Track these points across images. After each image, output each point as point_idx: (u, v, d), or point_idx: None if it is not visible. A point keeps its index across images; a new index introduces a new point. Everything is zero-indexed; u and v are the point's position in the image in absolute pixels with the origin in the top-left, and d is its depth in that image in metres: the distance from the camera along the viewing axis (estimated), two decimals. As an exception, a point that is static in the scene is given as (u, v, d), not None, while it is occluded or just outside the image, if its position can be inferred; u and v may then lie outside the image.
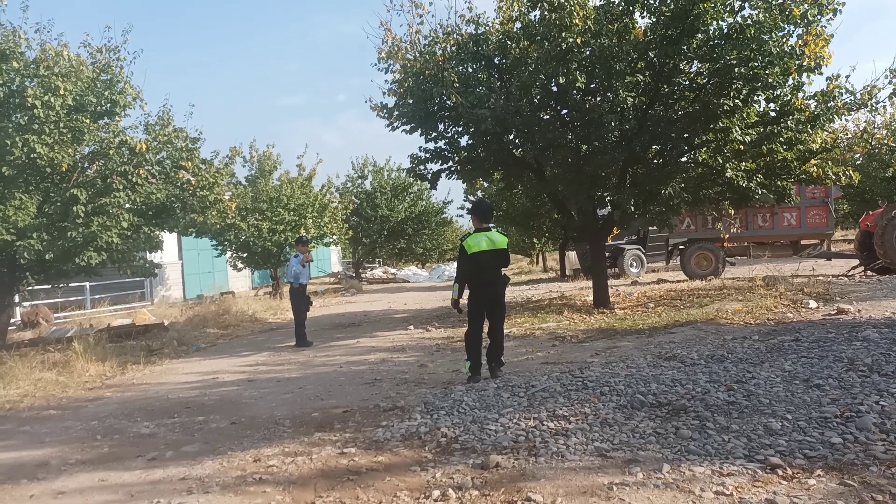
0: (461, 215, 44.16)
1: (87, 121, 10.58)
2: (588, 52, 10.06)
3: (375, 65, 12.12)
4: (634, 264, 20.14)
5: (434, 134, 12.28)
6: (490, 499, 3.48)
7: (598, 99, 10.34)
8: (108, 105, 10.86)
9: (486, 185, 21.84)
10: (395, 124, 12.15)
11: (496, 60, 11.60)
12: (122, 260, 11.52)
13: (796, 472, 3.42)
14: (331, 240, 25.63)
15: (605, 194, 11.96)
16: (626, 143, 10.70)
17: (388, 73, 12.12)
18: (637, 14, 10.13)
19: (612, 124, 10.00)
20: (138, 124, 12.14)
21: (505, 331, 9.90)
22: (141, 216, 11.36)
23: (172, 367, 9.27)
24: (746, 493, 3.22)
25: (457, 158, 12.53)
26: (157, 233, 12.25)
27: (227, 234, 19.80)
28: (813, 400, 4.58)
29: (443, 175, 12.80)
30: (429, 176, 12.74)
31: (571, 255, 23.18)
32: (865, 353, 5.81)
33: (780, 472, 3.43)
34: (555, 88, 10.74)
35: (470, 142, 12.08)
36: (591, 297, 12.65)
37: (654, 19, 10.04)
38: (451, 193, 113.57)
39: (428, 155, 12.37)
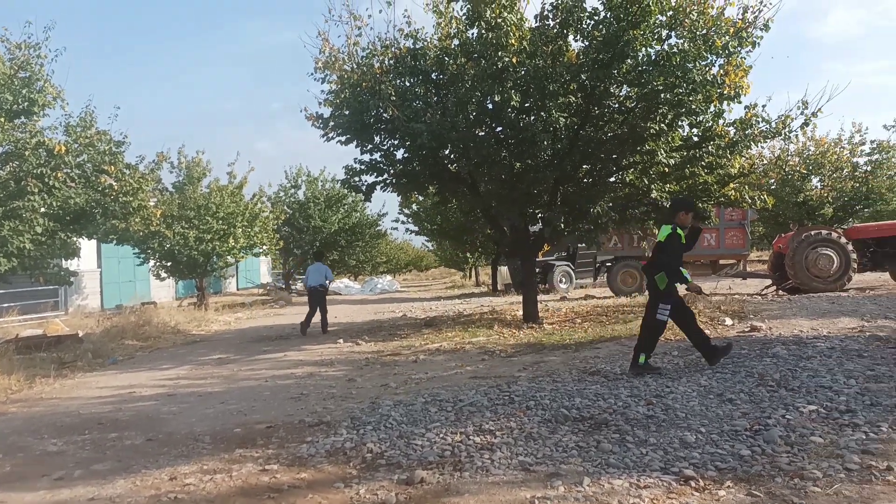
0: (395, 228, 44.20)
1: (2, 119, 10.01)
2: (523, 72, 10.28)
3: (312, 74, 12.02)
4: (564, 280, 20.60)
5: (370, 146, 12.23)
6: (413, 515, 3.46)
7: (532, 118, 10.56)
8: (26, 104, 10.34)
9: (421, 198, 21.94)
10: (330, 135, 12.04)
11: (433, 75, 11.69)
12: (34, 267, 10.92)
13: (708, 484, 3.56)
14: (261, 250, 25.07)
15: (537, 211, 12.20)
16: (558, 162, 10.96)
17: (324, 83, 12.03)
18: (571, 37, 10.43)
19: (545, 143, 10.23)
20: (58, 125, 11.60)
21: (435, 345, 10.03)
22: (57, 221, 10.81)
23: (86, 381, 8.81)
24: (661, 504, 3.33)
25: (392, 171, 12.51)
26: (75, 239, 11.68)
27: (151, 242, 19.07)
28: (725, 414, 4.79)
29: (378, 187, 12.74)
30: (363, 188, 12.66)
31: (503, 270, 23.51)
32: (774, 369, 6.12)
33: (692, 484, 3.56)
34: (490, 106, 10.91)
35: (406, 155, 12.10)
36: (521, 312, 12.83)
37: (587, 43, 10.36)
38: (387, 206, 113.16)
39: (363, 167, 12.30)
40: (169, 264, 20.41)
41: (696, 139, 11.24)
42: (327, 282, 13.83)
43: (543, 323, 11.87)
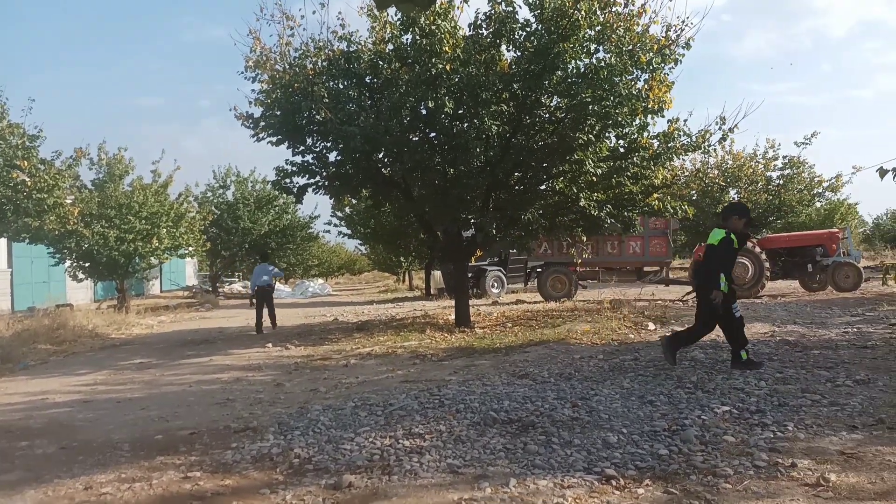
0: (328, 231, 43.67)
1: None
2: (456, 80, 10.38)
3: (242, 73, 11.76)
4: (496, 285, 20.87)
5: (301, 148, 12.07)
6: (341, 519, 3.44)
7: (465, 125, 10.67)
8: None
9: (354, 201, 21.79)
10: (260, 135, 11.81)
11: (367, 79, 11.65)
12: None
13: (628, 483, 3.69)
14: (187, 252, 24.26)
15: (470, 217, 12.34)
16: (490, 168, 11.13)
17: (255, 82, 11.79)
18: (504, 47, 10.63)
19: (478, 150, 10.37)
20: (-35, 117, 10.90)
21: (367, 349, 9.98)
22: (-37, 218, 10.15)
23: (-7, 388, 8.30)
24: (584, 503, 3.43)
25: (325, 174, 12.38)
26: (-18, 237, 10.98)
27: (68, 242, 18.14)
28: (646, 415, 4.98)
29: (310, 189, 12.58)
30: (295, 190, 12.48)
31: (437, 275, 23.63)
32: (692, 372, 6.42)
33: (614, 483, 3.69)
34: (424, 112, 10.97)
35: (338, 158, 12.00)
36: (453, 316, 12.92)
37: (519, 53, 10.58)
38: (319, 208, 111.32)
39: (295, 168, 12.12)
40: (87, 265, 19.47)
41: (622, 150, 11.62)
42: (274, 279, 14.49)
43: (475, 327, 12.00)
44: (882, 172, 8.17)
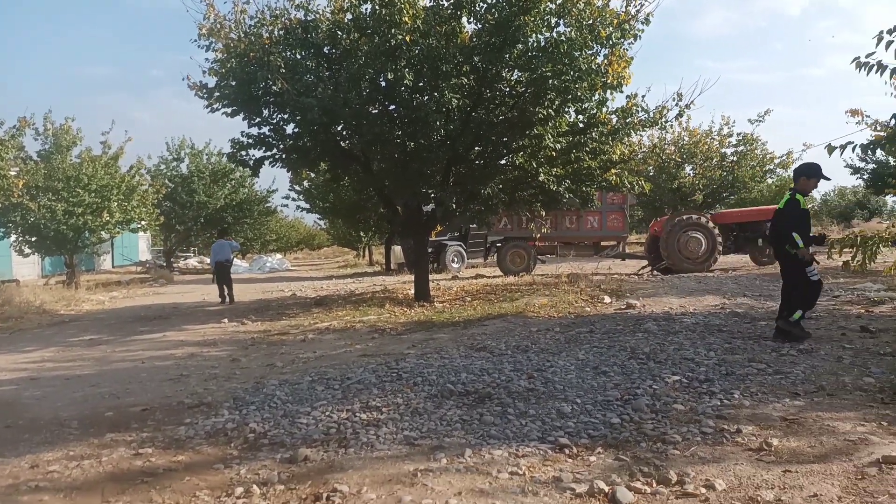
0: (286, 205, 42.96)
1: None
2: (417, 51, 10.24)
3: (195, 41, 11.36)
4: (456, 260, 20.93)
5: (258, 119, 11.78)
6: (296, 493, 3.43)
7: (426, 98, 10.58)
8: None
9: (312, 175, 21.47)
10: (215, 106, 11.48)
11: (326, 49, 11.40)
12: None
13: (581, 451, 3.77)
14: (139, 226, 23.62)
15: (430, 191, 12.28)
16: (451, 142, 11.06)
17: (209, 51, 11.40)
18: (464, 19, 10.51)
19: (438, 124, 10.29)
20: None
21: (325, 324, 9.93)
22: None
23: (-67, 366, 7.99)
24: (537, 471, 3.49)
25: (282, 146, 12.13)
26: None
27: (12, 215, 17.48)
28: (600, 385, 5.08)
29: (266, 163, 12.33)
30: (251, 163, 12.21)
31: (397, 250, 23.54)
32: (645, 343, 6.56)
33: (567, 452, 3.76)
34: (383, 84, 10.80)
35: (296, 130, 11.76)
36: (412, 291, 12.92)
37: (480, 26, 10.47)
38: (276, 182, 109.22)
39: (251, 140, 11.84)
40: (34, 239, 18.79)
41: (581, 125, 11.68)
42: (233, 254, 14.85)
43: (434, 301, 12.03)
44: (830, 149, 8.38)
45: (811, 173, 6.73)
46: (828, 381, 4.82)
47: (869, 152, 8.91)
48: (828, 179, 6.79)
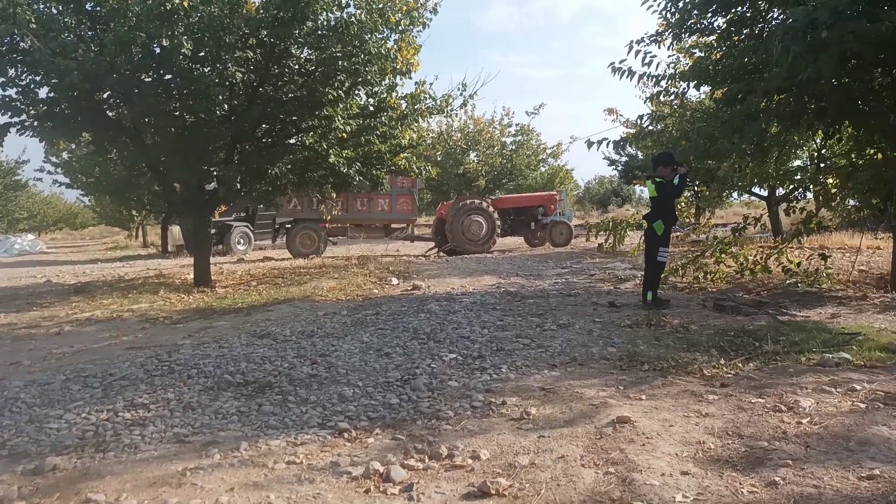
0: (40, 179, 37.66)
1: None
2: (197, 18, 9.51)
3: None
4: (242, 242, 20.03)
5: (2, 79, 10.11)
6: (40, 508, 3.05)
7: (207, 69, 9.88)
8: None
9: (73, 146, 19.08)
10: (-56, 60, 9.62)
11: (88, 6, 10.10)
12: None
13: (359, 434, 3.83)
14: None
15: (212, 169, 11.56)
16: (235, 118, 10.52)
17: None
18: (250, -12, 9.99)
19: (220, 98, 9.72)
20: None
21: (86, 315, 8.91)
22: None
23: None
24: (315, 458, 3.49)
25: (33, 112, 10.54)
26: None
27: None
28: (382, 367, 5.21)
29: (13, 130, 10.63)
30: (-8, 129, 10.45)
31: (175, 231, 21.86)
32: (427, 324, 6.85)
33: (346, 436, 3.80)
34: (158, 50, 9.87)
35: (51, 95, 10.28)
36: (192, 276, 12.11)
37: (267, -2, 10.03)
38: (28, 152, 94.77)
39: (-8, 103, 10.13)
40: None
41: (371, 109, 11.78)
42: None
43: (216, 287, 11.39)
44: (589, 144, 9.41)
45: (666, 161, 7.68)
46: (580, 353, 5.44)
47: (621, 147, 10.18)
48: (680, 164, 7.73)
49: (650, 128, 10.66)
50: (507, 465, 3.29)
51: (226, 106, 10.28)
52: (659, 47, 8.82)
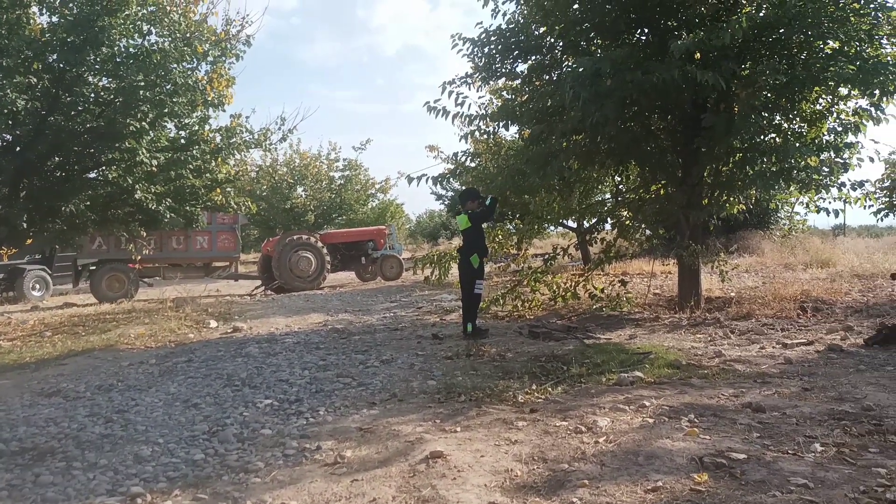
0: None
1: None
2: (-33, 37, 8.43)
3: None
4: (38, 287, 17.77)
5: None
6: None
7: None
8: None
9: None
10: None
11: None
12: None
13: (155, 497, 3.48)
14: None
15: (-8, 206, 10.20)
16: (21, 150, 9.40)
17: None
18: (35, 9, 9.06)
19: (1, 127, 8.62)
20: None
21: None
22: None
23: None
24: (98, 533, 3.10)
25: None
26: None
27: None
28: (188, 420, 4.81)
29: None
30: None
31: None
32: (243, 368, 6.49)
33: (140, 501, 3.43)
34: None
35: None
36: (-32, 329, 10.50)
37: (56, 20, 9.16)
38: None
39: None
40: None
41: (182, 142, 11.13)
42: None
43: (1, 339, 9.96)
44: (409, 179, 9.62)
45: (474, 196, 8.11)
46: (400, 388, 5.43)
47: (441, 182, 10.52)
48: (484, 198, 8.07)
49: (469, 164, 11.16)
50: (316, 514, 3.15)
51: (8, 136, 9.16)
52: (470, 89, 9.28)
